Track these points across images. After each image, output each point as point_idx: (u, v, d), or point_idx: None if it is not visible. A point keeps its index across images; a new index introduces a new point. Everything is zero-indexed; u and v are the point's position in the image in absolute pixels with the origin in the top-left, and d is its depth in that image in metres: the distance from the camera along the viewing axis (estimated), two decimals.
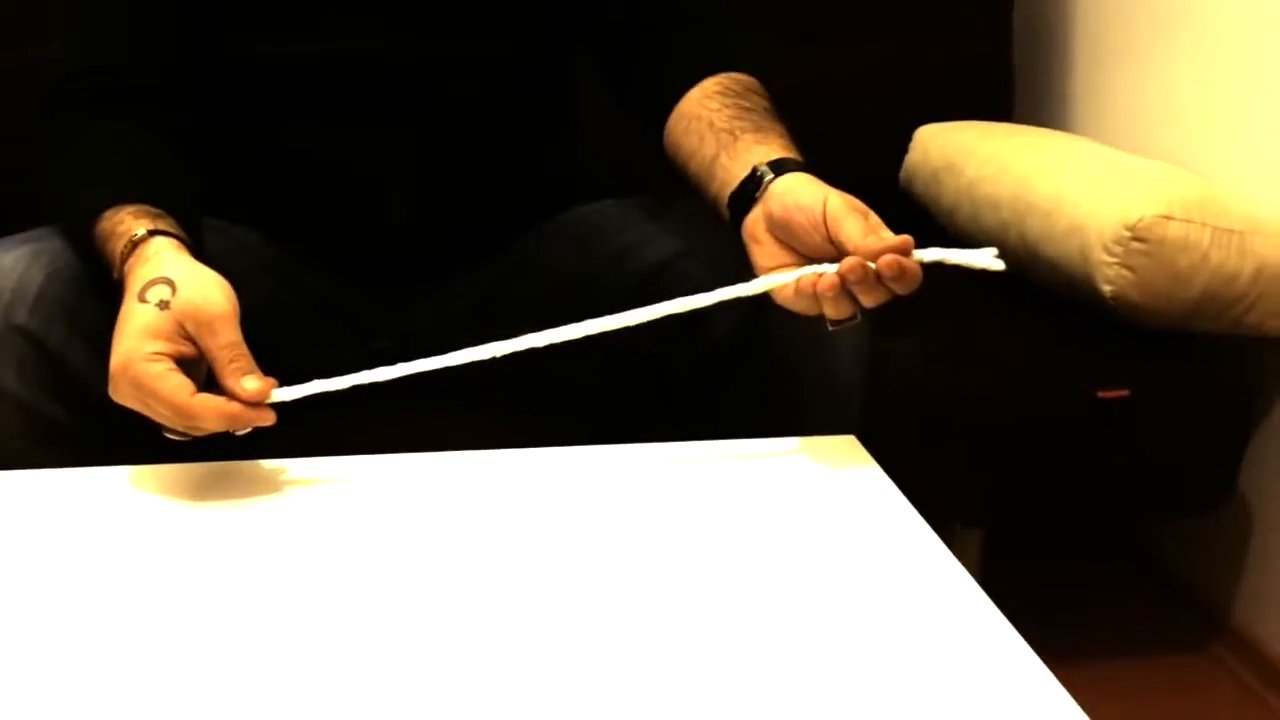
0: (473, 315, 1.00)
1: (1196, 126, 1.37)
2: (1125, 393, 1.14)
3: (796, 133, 1.25)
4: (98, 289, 0.79)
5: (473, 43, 0.93)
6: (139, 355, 0.67)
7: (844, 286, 0.70)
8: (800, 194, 0.74)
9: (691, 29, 0.94)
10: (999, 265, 0.73)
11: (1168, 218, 1.10)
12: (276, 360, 0.92)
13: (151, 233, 0.74)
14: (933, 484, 0.75)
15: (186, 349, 0.69)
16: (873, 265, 0.69)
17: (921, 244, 0.75)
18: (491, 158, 0.97)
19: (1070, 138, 1.48)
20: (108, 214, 0.77)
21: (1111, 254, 1.12)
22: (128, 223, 0.76)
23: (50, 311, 0.76)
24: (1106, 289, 1.13)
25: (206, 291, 0.70)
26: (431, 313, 0.99)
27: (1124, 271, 1.11)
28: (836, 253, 0.72)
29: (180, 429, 0.69)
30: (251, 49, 0.90)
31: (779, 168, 0.78)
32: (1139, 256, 1.10)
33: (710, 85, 0.89)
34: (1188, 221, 1.11)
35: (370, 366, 0.99)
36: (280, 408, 0.70)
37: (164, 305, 0.69)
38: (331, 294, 0.97)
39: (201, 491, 0.70)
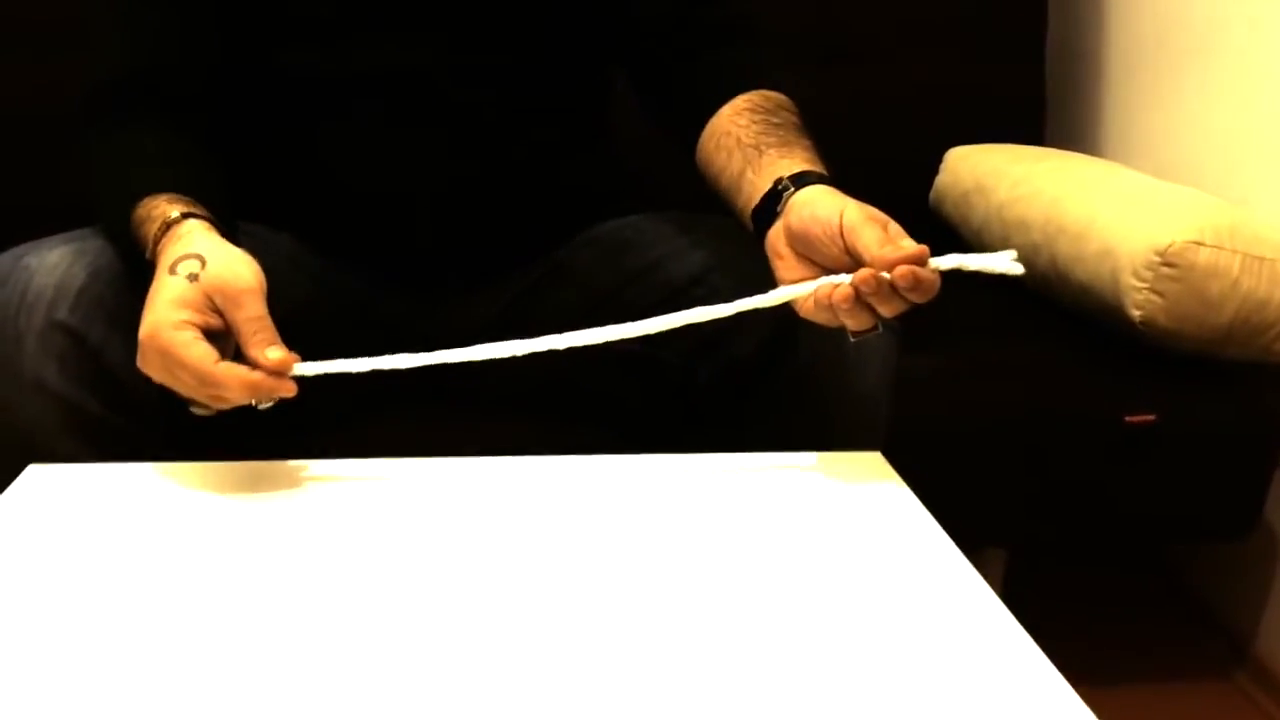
0: (502, 323, 1.00)
1: (1228, 152, 1.37)
2: (1152, 418, 1.14)
3: (827, 151, 1.26)
4: (136, 287, 0.80)
5: (505, 55, 0.94)
6: (167, 324, 0.69)
7: (859, 297, 0.70)
8: (818, 206, 0.74)
9: (724, 46, 0.95)
10: (1018, 269, 0.73)
11: (1199, 244, 1.10)
12: (306, 358, 0.94)
13: (185, 215, 0.76)
14: (958, 502, 0.75)
15: (214, 321, 0.70)
16: (887, 275, 0.69)
17: None
18: (523, 168, 0.98)
19: (1102, 162, 1.48)
20: (145, 201, 0.79)
21: (1142, 279, 1.12)
22: (162, 207, 0.78)
23: (91, 309, 0.77)
24: (1136, 314, 1.13)
25: (235, 267, 0.72)
26: (461, 320, 1.00)
27: (1154, 297, 1.11)
28: (854, 264, 0.72)
29: (204, 399, 0.70)
30: (287, 59, 0.91)
31: (800, 181, 0.78)
32: (1169, 282, 1.10)
33: (740, 102, 0.90)
34: (1218, 248, 1.10)
35: (401, 371, 1.00)
36: (316, 412, 0.71)
37: (193, 278, 0.70)
38: (364, 299, 0.98)
39: (234, 489, 0.71)
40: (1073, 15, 1.67)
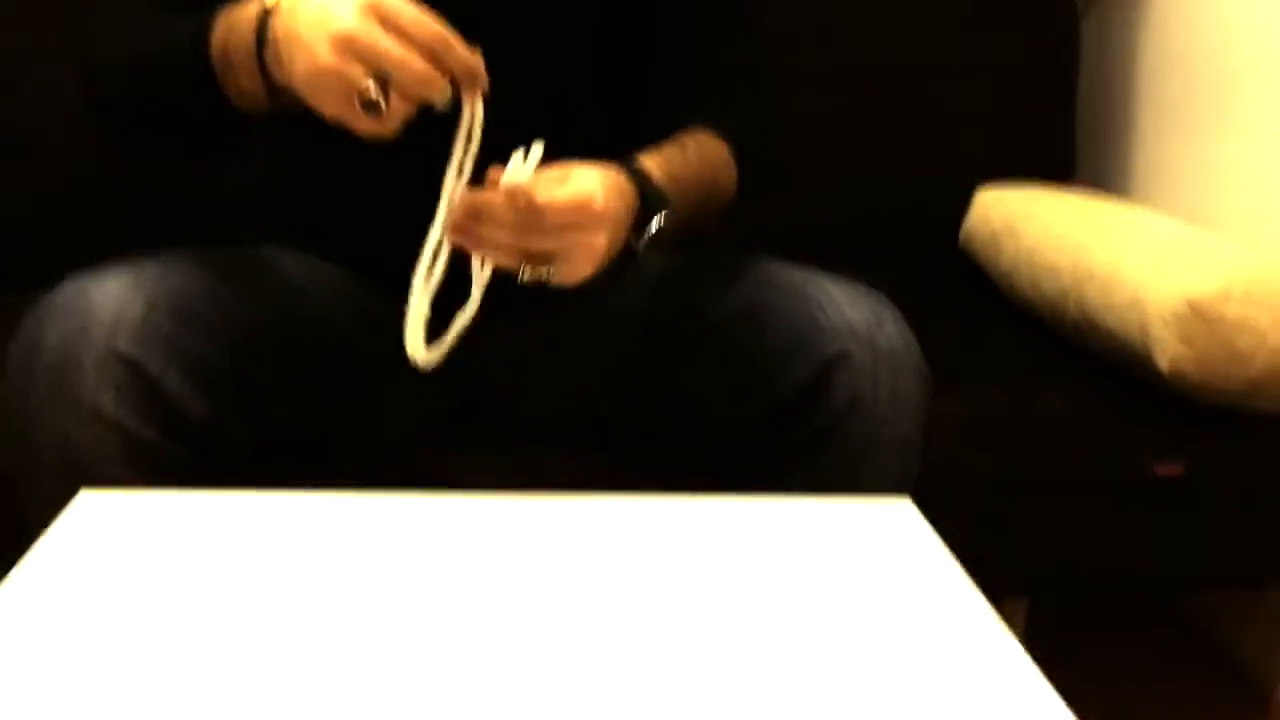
0: (545, 354, 1.02)
1: (1258, 203, 1.38)
2: (1180, 469, 1.15)
3: (858, 188, 1.30)
4: (192, 318, 0.83)
5: (546, 87, 0.96)
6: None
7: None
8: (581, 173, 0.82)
9: (702, 102, 1.02)
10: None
11: (1227, 296, 1.11)
12: (354, 388, 0.96)
13: None
14: (983, 549, 0.76)
15: None
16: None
17: (982, 308, 0.77)
18: None
19: (1131, 208, 1.49)
20: (220, 18, 0.82)
21: (1170, 329, 1.13)
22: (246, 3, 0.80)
23: (149, 339, 0.79)
24: (1164, 364, 1.13)
25: None
26: (501, 349, 1.02)
27: (1182, 347, 1.12)
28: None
29: (410, 76, 0.73)
30: None
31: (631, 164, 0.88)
32: (1198, 333, 1.11)
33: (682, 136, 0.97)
34: (1247, 300, 1.11)
35: (444, 401, 1.02)
36: (368, 441, 0.72)
37: None
38: (400, 325, 1.00)
39: (284, 519, 0.73)
40: (1105, 58, 1.69)
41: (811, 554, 0.72)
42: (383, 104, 0.73)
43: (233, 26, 0.82)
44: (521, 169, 0.79)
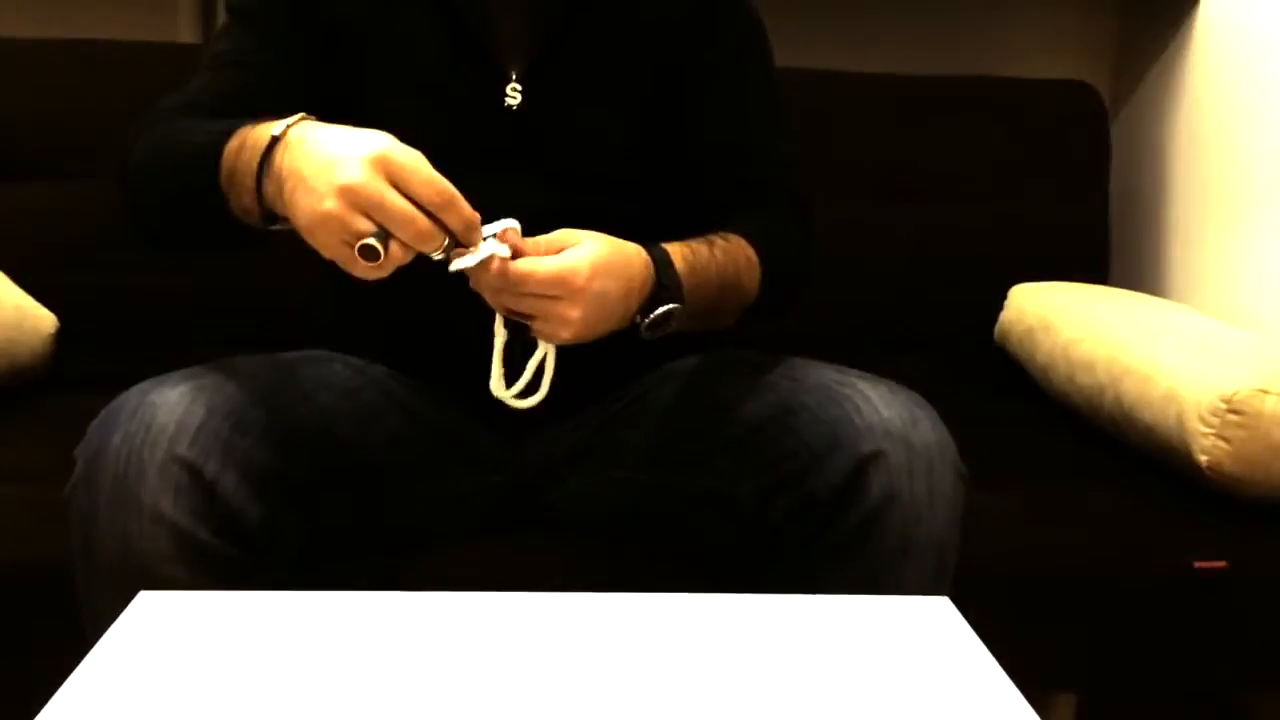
0: (582, 453, 1.05)
1: None
2: (1224, 565, 1.14)
3: (893, 282, 1.31)
4: (248, 424, 0.86)
5: (586, 194, 1.00)
6: (397, 146, 0.75)
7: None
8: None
9: (735, 209, 1.05)
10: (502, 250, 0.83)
11: (1265, 391, 1.11)
12: (400, 488, 0.99)
13: (302, 118, 0.81)
14: (1027, 644, 0.76)
15: None
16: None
17: (1018, 402, 0.78)
18: None
19: (1166, 303, 1.50)
20: (238, 133, 0.83)
21: (1208, 425, 1.13)
22: (265, 125, 0.81)
23: (208, 444, 0.82)
24: (1203, 459, 1.14)
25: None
26: (544, 448, 1.04)
27: (1220, 443, 1.12)
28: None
29: (410, 232, 0.75)
30: None
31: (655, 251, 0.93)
32: (1235, 429, 1.11)
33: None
34: None
35: (485, 498, 1.04)
36: (402, 536, 0.74)
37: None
38: (452, 427, 1.03)
39: (336, 618, 0.74)
40: (1137, 155, 1.71)
41: (846, 651, 0.73)
42: (382, 252, 0.75)
43: (244, 145, 0.83)
44: (496, 244, 0.83)
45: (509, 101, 0.98)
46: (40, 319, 1.40)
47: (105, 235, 1.43)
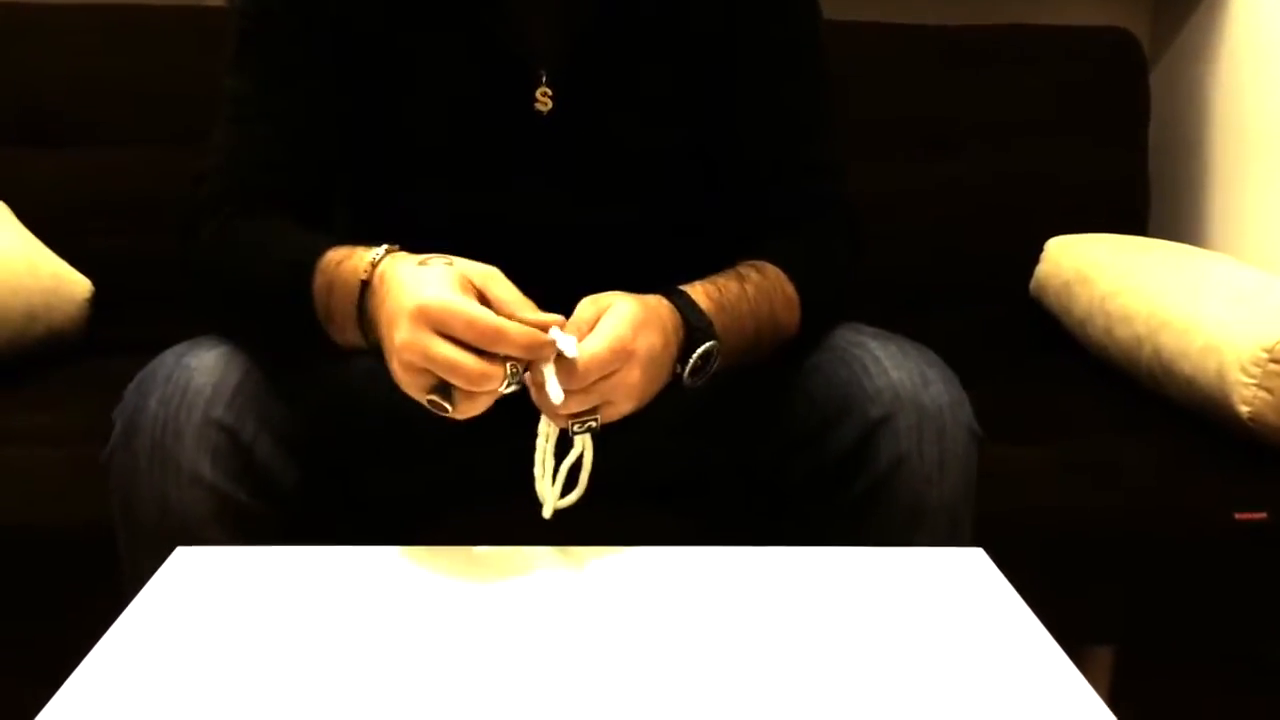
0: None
1: None
2: (1263, 515, 1.13)
3: (927, 239, 1.27)
4: (282, 389, 0.86)
5: (629, 209, 0.97)
6: (443, 294, 0.72)
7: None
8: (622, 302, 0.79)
9: (777, 231, 0.98)
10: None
11: None
12: (433, 450, 0.98)
13: (389, 250, 0.80)
14: (1064, 598, 0.76)
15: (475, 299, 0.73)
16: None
17: (1055, 356, 0.76)
18: None
19: (1205, 254, 1.47)
20: (327, 255, 0.83)
21: (1249, 375, 1.11)
22: (359, 251, 0.81)
23: (244, 407, 0.83)
24: (1244, 410, 1.12)
25: (474, 262, 0.76)
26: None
27: (1261, 393, 1.11)
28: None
29: (467, 378, 0.71)
30: (413, 201, 0.96)
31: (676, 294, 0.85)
32: (1277, 379, 1.10)
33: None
34: None
35: (515, 462, 1.04)
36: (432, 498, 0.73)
37: (449, 264, 0.75)
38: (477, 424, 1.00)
39: (368, 572, 0.75)
40: (1177, 104, 1.68)
41: (878, 602, 0.73)
42: (448, 406, 0.73)
43: (333, 286, 0.82)
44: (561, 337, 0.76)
45: (538, 107, 0.96)
46: (75, 284, 1.41)
47: (139, 200, 1.45)
